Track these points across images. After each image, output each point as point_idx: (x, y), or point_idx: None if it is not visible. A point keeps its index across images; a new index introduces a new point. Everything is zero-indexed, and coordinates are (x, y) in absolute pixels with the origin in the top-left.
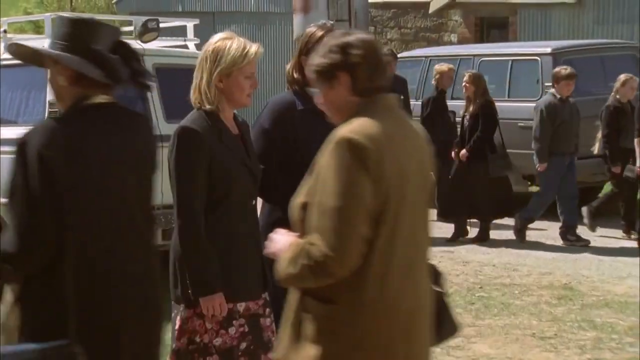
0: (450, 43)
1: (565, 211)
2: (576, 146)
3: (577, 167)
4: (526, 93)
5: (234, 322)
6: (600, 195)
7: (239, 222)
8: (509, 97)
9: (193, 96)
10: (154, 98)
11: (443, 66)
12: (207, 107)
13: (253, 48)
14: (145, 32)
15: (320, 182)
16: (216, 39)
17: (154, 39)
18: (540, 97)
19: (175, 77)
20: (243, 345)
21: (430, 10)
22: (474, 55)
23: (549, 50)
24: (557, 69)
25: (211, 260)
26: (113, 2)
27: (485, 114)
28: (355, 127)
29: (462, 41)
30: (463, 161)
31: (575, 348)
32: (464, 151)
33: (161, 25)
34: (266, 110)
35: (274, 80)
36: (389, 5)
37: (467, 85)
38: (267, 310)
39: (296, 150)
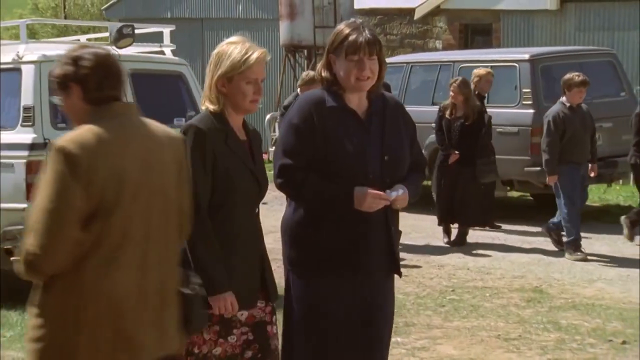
0: (435, 49)
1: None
2: (593, 154)
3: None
4: (504, 99)
5: (235, 330)
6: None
7: (240, 228)
8: (487, 102)
9: (204, 97)
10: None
11: (482, 70)
12: (212, 107)
13: (255, 54)
14: (120, 38)
15: (39, 186)
16: (224, 43)
17: (129, 45)
18: (519, 103)
19: (151, 82)
20: (248, 353)
21: (416, 17)
22: (454, 62)
23: (527, 56)
24: (568, 76)
25: (220, 259)
26: (102, 8)
27: (480, 120)
28: (72, 136)
29: (446, 47)
30: (452, 166)
31: (538, 349)
32: (455, 155)
33: (138, 31)
34: (295, 106)
35: (264, 86)
36: (375, 11)
37: (456, 91)
38: (274, 318)
39: (325, 148)
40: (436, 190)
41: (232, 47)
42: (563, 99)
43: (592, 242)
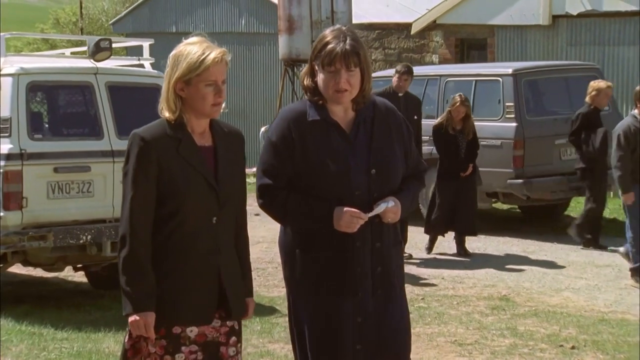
0: (432, 63)
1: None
2: None
3: (540, 185)
4: (488, 113)
5: (183, 347)
6: None
7: (194, 241)
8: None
9: (161, 104)
10: (106, 114)
11: (601, 83)
12: (167, 115)
13: (213, 54)
14: (97, 52)
15: None
16: (181, 44)
17: (107, 58)
18: (502, 116)
19: (128, 94)
20: None
21: (412, 32)
22: (440, 76)
23: (510, 71)
24: None
25: (145, 277)
26: (110, 22)
27: (475, 131)
28: None
29: (443, 62)
30: (462, 177)
31: (489, 353)
32: (471, 167)
33: (117, 45)
34: (275, 121)
35: (264, 99)
36: (373, 26)
37: (459, 107)
38: (233, 339)
39: (306, 165)
40: (436, 200)
41: (189, 48)
42: (635, 111)
43: (568, 253)
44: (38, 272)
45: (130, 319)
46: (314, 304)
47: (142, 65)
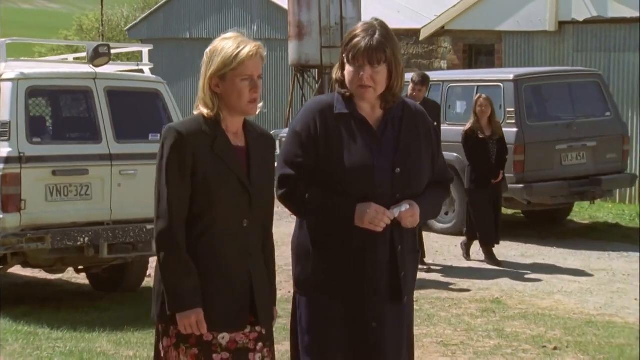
0: (441, 69)
1: None
2: None
3: (540, 190)
4: None
5: (215, 355)
6: None
7: (225, 244)
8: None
9: (198, 100)
10: (105, 119)
11: None
12: (204, 110)
13: (248, 48)
14: (96, 57)
15: None
16: (217, 39)
17: (106, 64)
18: (503, 121)
19: (127, 99)
20: None
21: (421, 38)
22: (443, 81)
23: (511, 76)
24: None
25: (190, 273)
26: (125, 29)
27: (503, 134)
28: None
29: (451, 67)
30: (495, 183)
31: (472, 354)
32: (501, 173)
33: (116, 50)
34: (300, 112)
35: (276, 104)
36: None
37: (484, 108)
38: (260, 345)
39: (328, 158)
40: (476, 210)
41: (224, 43)
42: None
43: (566, 257)
44: (42, 275)
45: (180, 317)
46: (324, 304)
47: (141, 71)
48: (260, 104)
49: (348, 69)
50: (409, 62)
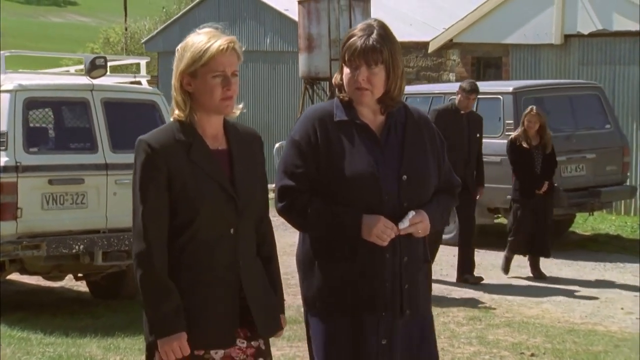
0: (449, 81)
1: None
2: None
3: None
4: (489, 130)
5: None
6: None
7: (211, 255)
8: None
9: (173, 105)
10: (101, 129)
11: None
12: (177, 113)
13: (219, 42)
14: (93, 69)
15: None
16: (189, 35)
17: (102, 75)
18: (502, 133)
19: (123, 110)
20: None
21: (430, 50)
22: (444, 94)
23: (510, 89)
24: None
25: (169, 295)
26: (142, 41)
27: (553, 146)
28: None
29: (459, 80)
30: (538, 195)
31: None
32: (546, 184)
33: (113, 63)
34: (299, 120)
35: (287, 116)
36: None
37: (532, 123)
38: None
39: (329, 167)
40: (516, 220)
41: (195, 38)
42: None
43: (561, 267)
44: (45, 282)
45: (160, 343)
46: (334, 322)
47: (139, 82)
48: (240, 105)
49: (345, 70)
50: (418, 74)
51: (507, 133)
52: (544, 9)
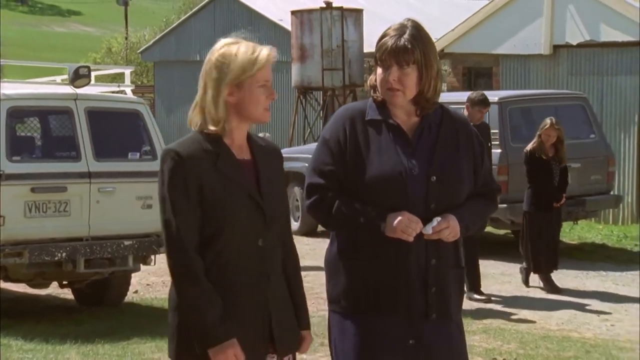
0: (441, 91)
1: None
2: None
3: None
4: None
5: None
6: None
7: (240, 268)
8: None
9: (194, 116)
10: (84, 138)
11: None
12: (212, 128)
13: (265, 51)
14: (77, 78)
15: None
16: (219, 45)
17: (86, 85)
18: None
19: (106, 119)
20: None
21: None
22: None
23: (496, 99)
24: None
25: (215, 303)
26: (139, 51)
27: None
28: None
29: (451, 90)
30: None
31: None
32: (563, 197)
33: (99, 72)
34: (331, 119)
35: (281, 127)
36: None
37: (552, 132)
38: None
39: (356, 165)
40: (533, 233)
41: (235, 48)
42: None
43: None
44: (33, 290)
45: (213, 353)
46: (358, 322)
47: (123, 92)
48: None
49: (378, 71)
50: None
51: (492, 142)
52: (533, 20)
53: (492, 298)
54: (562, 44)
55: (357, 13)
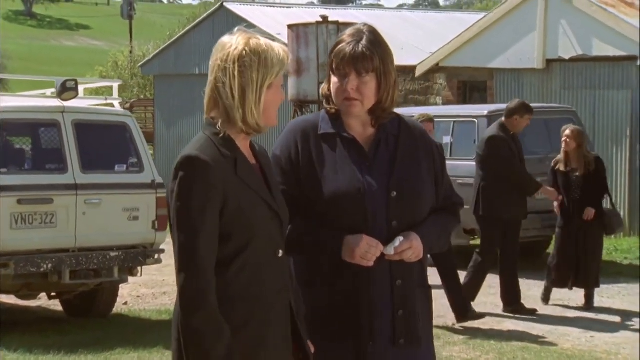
0: (436, 105)
1: None
2: None
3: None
4: (464, 152)
5: None
6: None
7: (263, 282)
8: (450, 155)
9: (218, 118)
10: (71, 150)
11: None
12: (249, 131)
13: (283, 48)
14: (64, 91)
15: None
16: (240, 38)
17: (73, 98)
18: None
19: (94, 131)
20: None
21: (417, 74)
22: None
23: (485, 112)
24: None
25: (222, 333)
26: (139, 65)
27: (600, 169)
28: None
29: (446, 103)
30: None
31: None
32: (590, 211)
33: (86, 86)
34: (282, 134)
35: (276, 139)
36: None
37: (568, 140)
38: None
39: (310, 183)
40: (555, 247)
41: (265, 41)
42: None
43: (530, 287)
44: (23, 302)
45: None
46: (319, 351)
47: (111, 105)
48: None
49: (333, 80)
50: (406, 98)
51: None
52: (527, 35)
53: (478, 303)
54: (555, 58)
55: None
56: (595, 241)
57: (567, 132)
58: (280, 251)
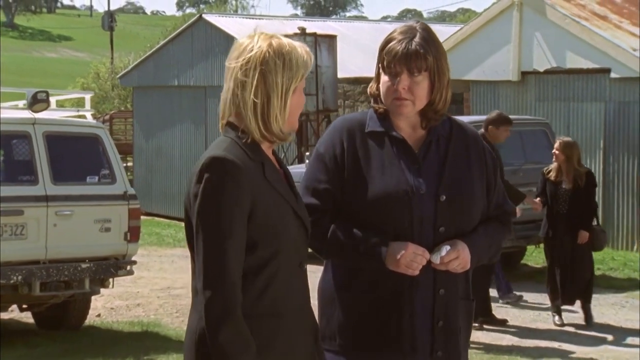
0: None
1: None
2: None
3: None
4: None
5: None
6: None
7: (289, 296)
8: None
9: (239, 124)
10: (42, 162)
11: None
12: (273, 139)
13: (305, 49)
14: (35, 103)
15: None
16: (261, 38)
17: (44, 109)
18: None
19: (65, 143)
20: None
21: None
22: None
23: None
24: None
25: (249, 346)
26: (118, 76)
27: (590, 184)
28: None
29: None
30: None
31: None
32: (584, 235)
33: (58, 97)
34: (326, 131)
35: None
36: (360, 80)
37: (557, 152)
38: None
39: (358, 184)
40: (547, 262)
41: (287, 41)
42: None
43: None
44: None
45: None
46: None
47: (83, 116)
48: None
49: (383, 78)
50: None
51: None
52: (502, 47)
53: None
54: (530, 71)
55: (331, 39)
56: (585, 256)
57: (556, 144)
58: (303, 262)
